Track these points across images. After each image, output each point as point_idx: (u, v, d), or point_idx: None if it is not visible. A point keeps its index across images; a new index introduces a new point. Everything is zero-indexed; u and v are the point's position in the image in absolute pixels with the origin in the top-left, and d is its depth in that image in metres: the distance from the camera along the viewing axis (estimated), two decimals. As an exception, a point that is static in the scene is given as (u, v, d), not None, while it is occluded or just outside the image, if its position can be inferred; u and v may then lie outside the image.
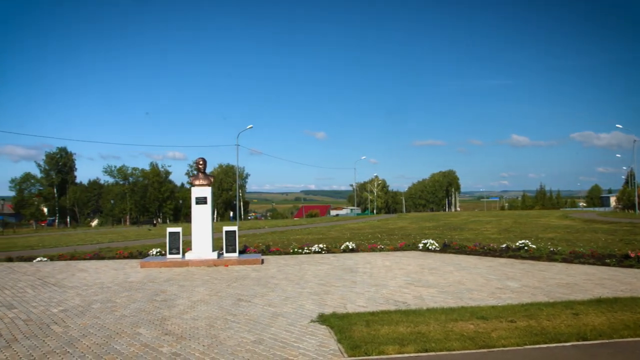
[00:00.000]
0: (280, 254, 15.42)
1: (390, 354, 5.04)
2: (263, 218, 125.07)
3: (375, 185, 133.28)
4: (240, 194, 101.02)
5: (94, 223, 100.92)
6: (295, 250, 15.90)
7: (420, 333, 5.69)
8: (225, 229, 13.93)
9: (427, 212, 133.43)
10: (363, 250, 16.10)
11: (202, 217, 13.37)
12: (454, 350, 5.10)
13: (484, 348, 5.16)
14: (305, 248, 16.07)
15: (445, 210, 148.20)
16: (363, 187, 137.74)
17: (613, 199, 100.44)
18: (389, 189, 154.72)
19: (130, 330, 6.34)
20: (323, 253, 15.59)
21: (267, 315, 7.04)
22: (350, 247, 16.17)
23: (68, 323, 6.85)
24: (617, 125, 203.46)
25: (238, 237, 14.03)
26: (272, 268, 12.27)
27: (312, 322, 6.56)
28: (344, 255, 14.83)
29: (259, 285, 9.67)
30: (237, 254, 13.69)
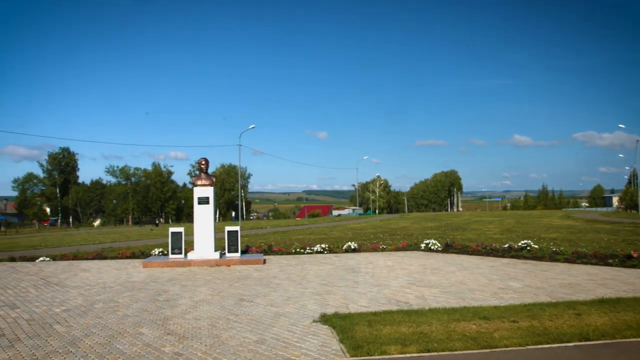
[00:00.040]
0: (283, 254, 15.42)
1: (393, 354, 5.04)
2: (265, 218, 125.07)
3: (377, 185, 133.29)
4: (243, 194, 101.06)
5: (97, 223, 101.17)
6: (298, 251, 15.90)
7: (423, 333, 5.69)
8: (228, 229, 13.94)
9: (429, 212, 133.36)
10: (365, 250, 16.09)
11: (204, 217, 13.39)
12: (456, 351, 5.09)
13: (486, 348, 5.16)
14: (308, 248, 16.08)
15: (448, 210, 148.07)
16: (365, 187, 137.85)
17: (615, 199, 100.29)
18: (391, 189, 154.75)
19: (133, 330, 6.35)
20: (325, 253, 15.59)
21: (269, 315, 7.04)
22: (353, 247, 16.17)
23: (70, 323, 6.86)
24: (619, 125, 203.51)
25: (240, 237, 14.04)
26: (274, 268, 12.27)
27: (314, 322, 6.56)
28: (346, 255, 14.83)
29: (261, 285, 9.68)
30: (239, 254, 13.70)
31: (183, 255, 13.41)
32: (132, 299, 8.54)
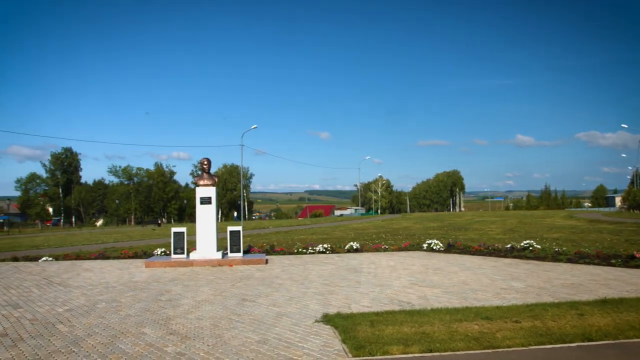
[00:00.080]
0: (285, 254, 15.43)
1: (395, 354, 5.03)
2: (267, 218, 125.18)
3: (380, 185, 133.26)
4: (245, 194, 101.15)
5: (99, 223, 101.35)
6: (300, 250, 15.91)
7: (425, 333, 5.68)
8: (230, 229, 13.95)
9: (431, 212, 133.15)
10: (367, 251, 16.09)
11: (206, 217, 13.40)
12: (459, 351, 5.09)
13: (489, 348, 5.15)
14: (310, 248, 16.08)
15: (450, 211, 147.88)
16: (367, 187, 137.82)
17: (618, 199, 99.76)
18: (393, 189, 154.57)
19: (135, 330, 6.36)
20: (327, 253, 15.59)
21: (271, 315, 7.05)
22: (355, 247, 16.16)
23: (73, 322, 6.88)
24: (622, 125, 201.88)
25: (242, 237, 14.05)
26: (276, 268, 12.28)
27: (316, 322, 6.56)
28: (348, 256, 14.83)
29: (264, 285, 9.68)
30: (241, 254, 13.71)
31: (185, 255, 13.43)
32: (134, 299, 8.56)
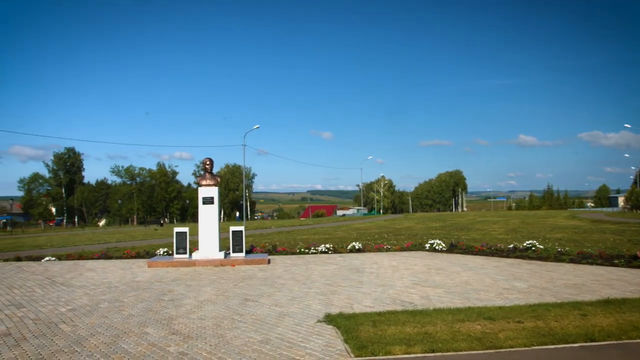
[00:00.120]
0: (287, 254, 15.43)
1: (397, 354, 5.03)
2: (270, 218, 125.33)
3: (382, 185, 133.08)
4: (247, 194, 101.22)
5: (102, 223, 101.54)
6: (302, 250, 15.91)
7: (427, 333, 5.68)
8: (232, 229, 13.96)
9: (433, 212, 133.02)
10: (370, 251, 16.08)
11: (209, 217, 13.41)
12: (461, 351, 5.08)
13: (491, 349, 5.14)
14: (312, 248, 16.08)
15: (452, 211, 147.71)
16: (370, 187, 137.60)
17: (621, 199, 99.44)
18: (396, 189, 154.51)
19: (138, 330, 6.37)
20: (329, 253, 15.59)
21: (273, 315, 7.05)
22: (357, 247, 16.15)
23: (76, 322, 6.90)
24: (625, 125, 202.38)
25: (245, 237, 14.06)
26: (278, 268, 12.28)
27: (318, 322, 6.56)
28: (351, 256, 14.82)
29: (266, 285, 9.68)
30: (243, 254, 13.72)
31: (188, 255, 13.45)
32: (137, 299, 8.57)
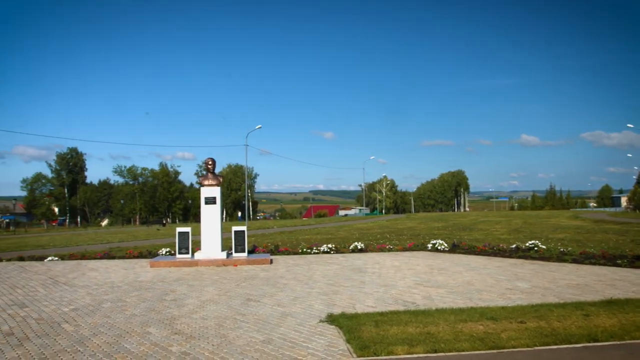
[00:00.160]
0: (289, 254, 15.44)
1: (399, 355, 5.03)
2: (272, 218, 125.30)
3: (384, 185, 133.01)
4: (249, 194, 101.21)
5: (104, 223, 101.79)
6: (304, 250, 15.91)
7: (430, 333, 5.68)
8: (234, 229, 13.96)
9: (436, 212, 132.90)
10: (372, 251, 16.07)
11: (211, 217, 13.43)
12: (464, 351, 5.07)
13: (494, 349, 5.13)
14: (314, 248, 16.08)
15: (454, 211, 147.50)
16: (372, 187, 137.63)
17: (624, 199, 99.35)
18: (398, 189, 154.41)
19: (140, 330, 6.38)
20: (332, 253, 15.59)
21: (276, 315, 7.05)
22: (359, 247, 16.15)
23: (79, 322, 6.91)
24: (628, 125, 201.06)
25: (247, 237, 14.07)
26: (281, 268, 12.29)
27: (321, 322, 6.56)
28: (353, 256, 14.82)
29: (268, 285, 9.69)
30: (246, 254, 13.73)
31: (190, 255, 13.46)
32: (139, 299, 8.59)
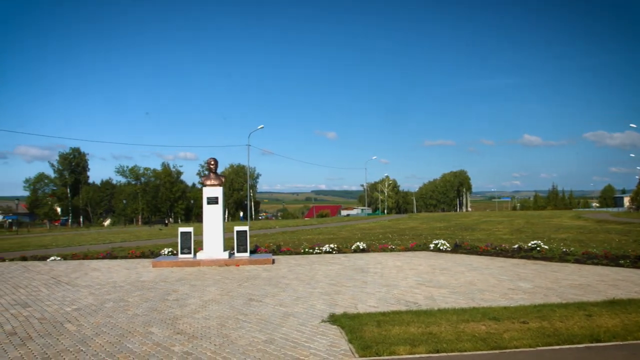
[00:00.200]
0: (291, 254, 15.44)
1: (402, 355, 5.02)
2: (274, 218, 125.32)
3: (386, 186, 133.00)
4: (251, 194, 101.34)
5: (107, 223, 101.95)
6: (306, 250, 15.91)
7: (432, 334, 5.67)
8: (237, 229, 13.97)
9: (438, 212, 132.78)
10: (374, 251, 16.06)
11: (213, 217, 13.44)
12: (466, 351, 5.07)
13: (496, 349, 5.13)
14: (316, 248, 16.08)
15: (457, 211, 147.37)
16: (374, 187, 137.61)
17: (627, 199, 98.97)
18: (400, 189, 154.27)
19: (143, 329, 6.39)
20: (334, 253, 15.59)
21: (278, 315, 7.06)
22: (361, 247, 16.14)
23: (81, 322, 6.92)
24: (630, 125, 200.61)
25: (249, 237, 14.07)
26: (283, 268, 12.29)
27: (323, 322, 6.56)
28: (355, 256, 14.81)
29: (270, 285, 9.69)
30: (248, 254, 13.74)
31: (192, 255, 13.47)
32: (142, 299, 8.60)
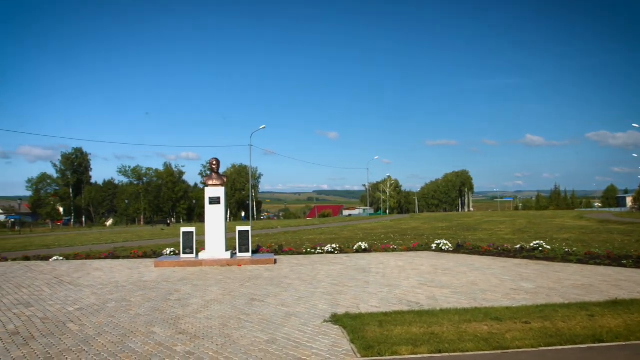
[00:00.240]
0: (293, 254, 15.45)
1: (404, 355, 5.02)
2: (276, 218, 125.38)
3: (388, 186, 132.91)
4: (253, 194, 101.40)
5: (109, 223, 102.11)
6: (308, 250, 15.92)
7: (434, 334, 5.67)
8: (239, 229, 13.98)
9: (440, 212, 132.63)
10: (376, 251, 16.06)
11: (215, 217, 13.45)
12: (468, 352, 5.06)
13: (498, 349, 5.12)
14: (318, 248, 16.08)
15: (459, 211, 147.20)
16: (376, 187, 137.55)
17: (629, 199, 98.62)
18: (402, 189, 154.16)
19: (145, 329, 6.40)
20: (336, 253, 15.59)
21: (280, 315, 7.06)
22: (363, 247, 16.13)
23: (84, 321, 6.94)
24: (633, 125, 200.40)
25: (251, 237, 14.08)
26: (285, 268, 12.29)
27: (325, 322, 6.56)
28: (357, 256, 14.81)
29: (272, 285, 9.70)
30: (250, 254, 13.75)
31: (194, 255, 13.49)
32: (144, 298, 8.61)
